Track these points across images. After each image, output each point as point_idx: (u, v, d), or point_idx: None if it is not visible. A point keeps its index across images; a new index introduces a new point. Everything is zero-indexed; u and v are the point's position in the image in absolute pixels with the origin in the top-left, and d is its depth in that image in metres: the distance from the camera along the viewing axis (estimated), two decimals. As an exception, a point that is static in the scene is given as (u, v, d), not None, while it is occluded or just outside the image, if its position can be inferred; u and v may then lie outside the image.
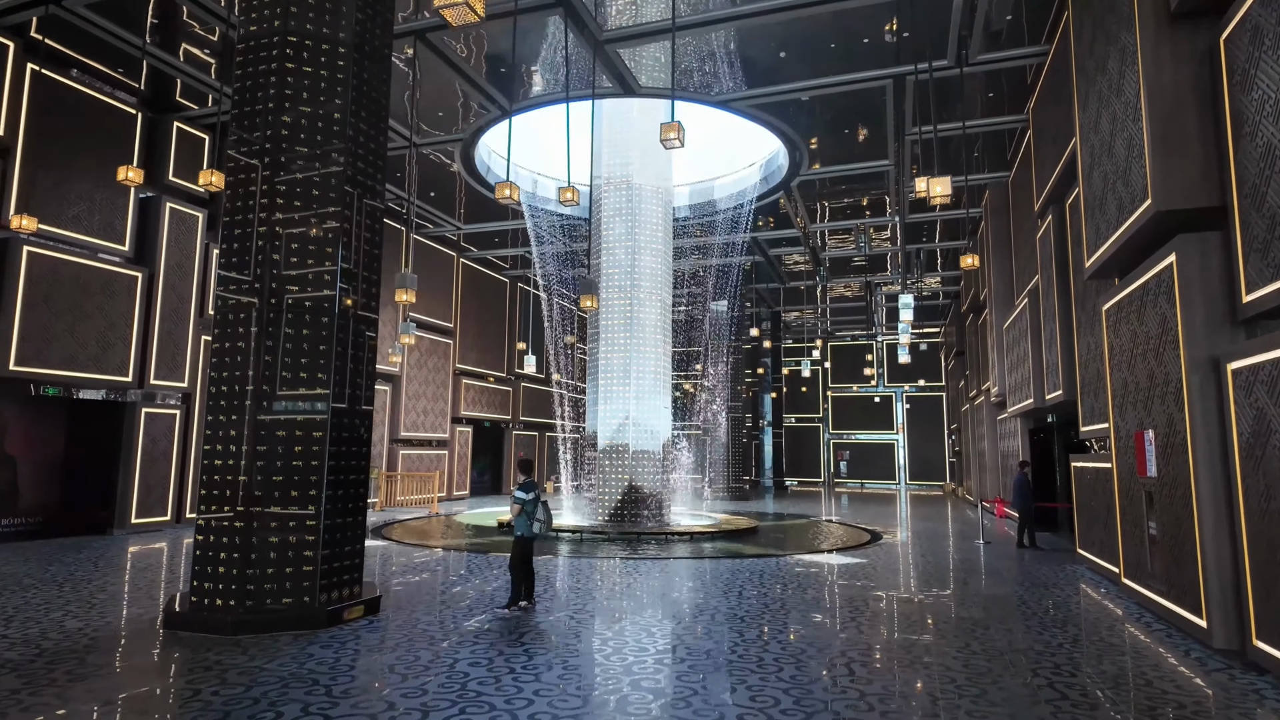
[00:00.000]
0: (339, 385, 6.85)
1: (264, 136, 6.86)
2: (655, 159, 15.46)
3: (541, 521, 7.24)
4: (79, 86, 12.42)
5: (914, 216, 19.07)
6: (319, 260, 6.83)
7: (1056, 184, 11.06)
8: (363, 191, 7.24)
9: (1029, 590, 8.68)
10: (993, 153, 15.74)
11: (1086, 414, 10.11)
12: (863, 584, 8.99)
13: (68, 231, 12.20)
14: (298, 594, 6.44)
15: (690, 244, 21.29)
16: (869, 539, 13.82)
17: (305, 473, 6.58)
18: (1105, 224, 7.89)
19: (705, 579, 9.26)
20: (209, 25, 11.51)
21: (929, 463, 35.30)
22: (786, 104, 13.71)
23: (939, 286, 27.37)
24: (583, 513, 15.44)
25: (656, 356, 15.16)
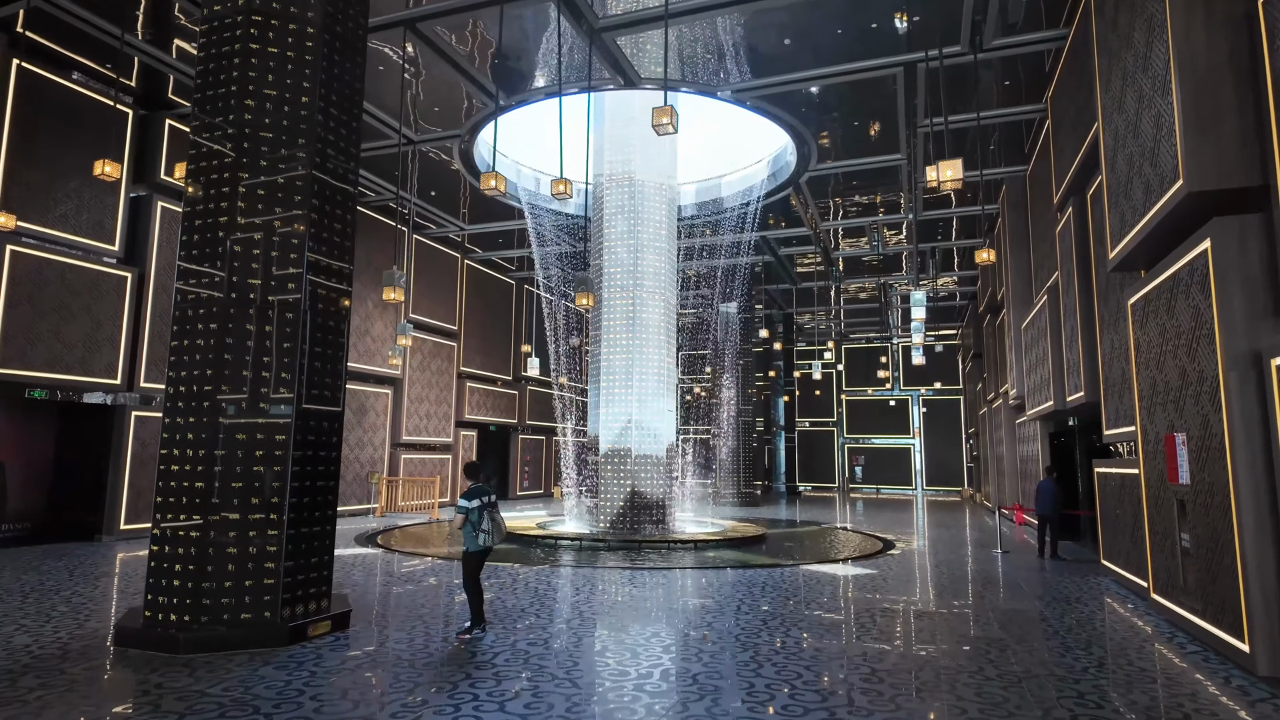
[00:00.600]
0: (306, 385, 6.43)
1: (226, 122, 6.46)
2: (658, 155, 15.00)
3: (486, 533, 6.49)
4: (67, 83, 12.16)
5: (928, 214, 18.48)
6: (285, 252, 6.42)
7: (1077, 173, 10.48)
8: (334, 179, 6.83)
9: (1050, 605, 8.10)
10: (1009, 145, 15.14)
11: (1110, 416, 9.51)
12: (871, 598, 8.44)
13: (54, 230, 11.92)
14: (258, 609, 6.01)
15: (698, 244, 20.80)
16: (881, 547, 13.24)
17: (266, 478, 6.16)
18: (1130, 210, 7.32)
19: (704, 591, 8.75)
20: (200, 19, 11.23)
21: (946, 468, 34.51)
22: (793, 95, 13.20)
23: (956, 288, 26.68)
24: (585, 519, 14.96)
25: (660, 358, 14.67)
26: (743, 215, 18.31)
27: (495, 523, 6.55)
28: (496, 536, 6.57)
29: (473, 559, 6.55)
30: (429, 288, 20.78)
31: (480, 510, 6.51)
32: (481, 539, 6.48)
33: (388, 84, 12.95)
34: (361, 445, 18.25)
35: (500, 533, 6.59)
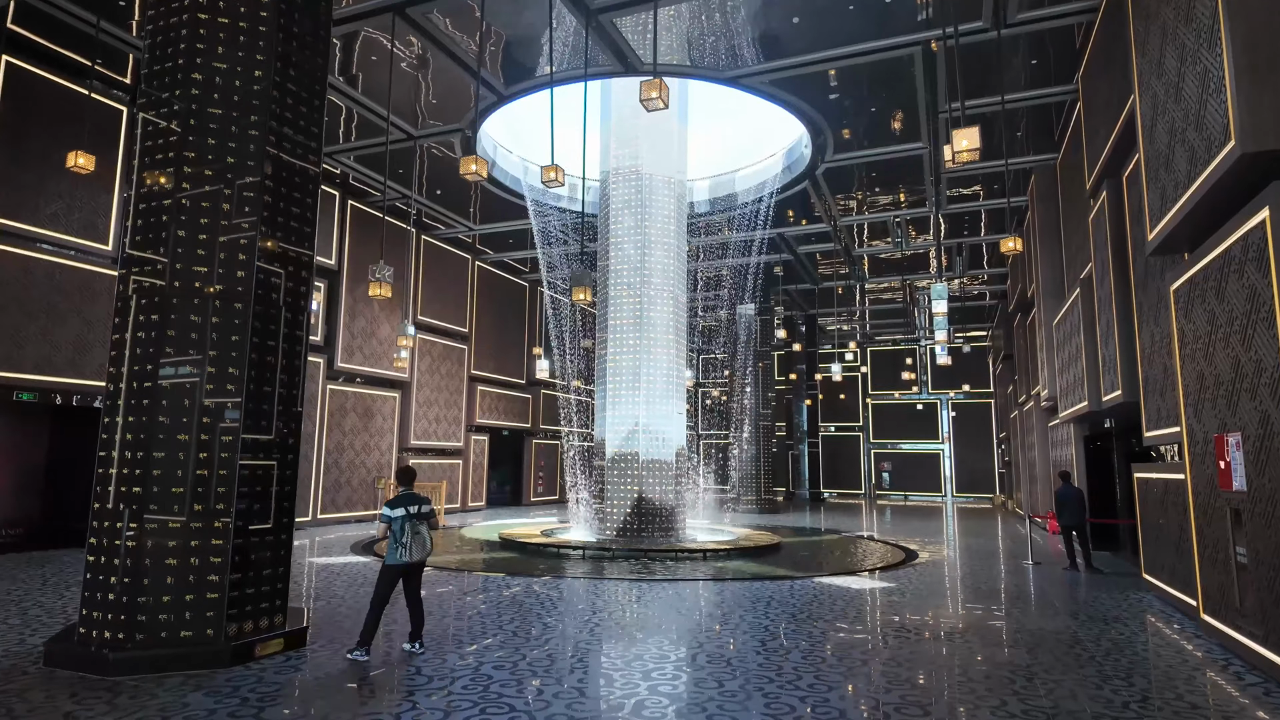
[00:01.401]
0: (258, 381, 5.92)
1: (174, 98, 5.99)
2: (666, 147, 14.41)
3: (405, 546, 5.83)
4: (59, 80, 11.89)
5: (953, 208, 17.63)
6: (233, 237, 5.92)
7: (1111, 154, 9.67)
8: (291, 158, 6.32)
9: (1085, 625, 7.30)
10: (1038, 133, 14.28)
11: (1151, 417, 8.68)
12: (885, 616, 7.71)
13: (44, 230, 11.64)
14: (199, 626, 5.49)
15: (713, 242, 20.16)
16: (904, 558, 12.44)
17: (211, 482, 5.65)
18: (1172, 184, 6.55)
19: (702, 607, 8.08)
20: None
21: (977, 474, 33.31)
22: (806, 81, 12.52)
23: (984, 287, 25.67)
24: (593, 526, 14.34)
25: (669, 358, 14.04)
26: (758, 211, 17.64)
27: (418, 536, 5.88)
28: (417, 551, 5.89)
29: (387, 574, 5.91)
30: (439, 289, 20.39)
31: (403, 521, 5.89)
32: (399, 554, 5.85)
33: (386, 78, 12.53)
34: (368, 449, 17.86)
35: (423, 549, 5.91)
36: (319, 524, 16.19)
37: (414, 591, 6.02)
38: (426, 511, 6.04)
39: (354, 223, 17.51)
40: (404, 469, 6.38)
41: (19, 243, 11.29)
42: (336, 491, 16.90)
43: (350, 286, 17.32)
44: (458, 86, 12.93)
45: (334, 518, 16.70)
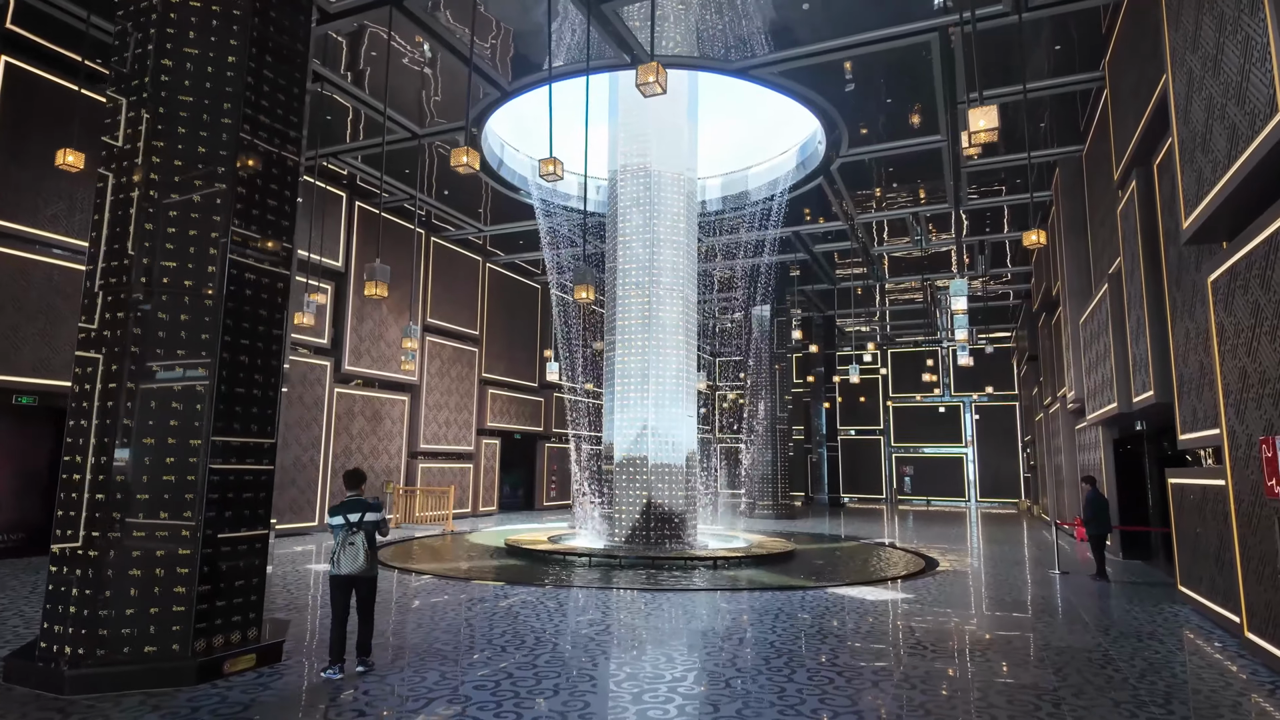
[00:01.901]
0: (230, 382, 5.62)
1: (143, 84, 5.71)
2: (676, 143, 14.04)
3: (333, 558, 5.45)
4: (59, 80, 11.77)
5: (974, 204, 17.07)
6: (204, 230, 5.63)
7: (1141, 141, 9.15)
8: (267, 144, 6.03)
9: (1117, 642, 6.80)
10: (1063, 124, 13.72)
11: (1187, 418, 8.14)
12: (899, 630, 7.25)
13: (44, 231, 11.51)
14: (164, 641, 5.18)
15: (725, 241, 19.73)
16: (923, 567, 11.93)
17: (180, 488, 5.35)
18: (1210, 166, 6.06)
19: (706, 620, 7.67)
20: None
21: (1002, 478, 32.50)
22: (817, 71, 12.09)
23: (1008, 287, 24.99)
24: (603, 532, 13.96)
25: (679, 359, 13.64)
26: (773, 209, 17.19)
27: (350, 549, 5.43)
28: (346, 564, 5.43)
29: (331, 585, 5.54)
30: (449, 291, 20.15)
31: (344, 530, 5.49)
32: (343, 564, 5.46)
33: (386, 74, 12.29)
34: (376, 453, 17.63)
35: (355, 562, 5.43)
36: (326, 529, 15.95)
37: (360, 605, 5.62)
38: (370, 520, 5.61)
39: (362, 224, 17.31)
40: (350, 472, 5.94)
41: (18, 245, 11.17)
42: (344, 496, 16.62)
43: (358, 288, 17.09)
44: (462, 84, 12.64)
45: (341, 523, 16.44)
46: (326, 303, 16.29)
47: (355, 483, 5.82)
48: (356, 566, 5.44)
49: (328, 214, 16.23)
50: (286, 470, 15.07)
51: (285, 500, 15.02)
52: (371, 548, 5.57)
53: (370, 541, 5.57)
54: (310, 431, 15.72)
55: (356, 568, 5.44)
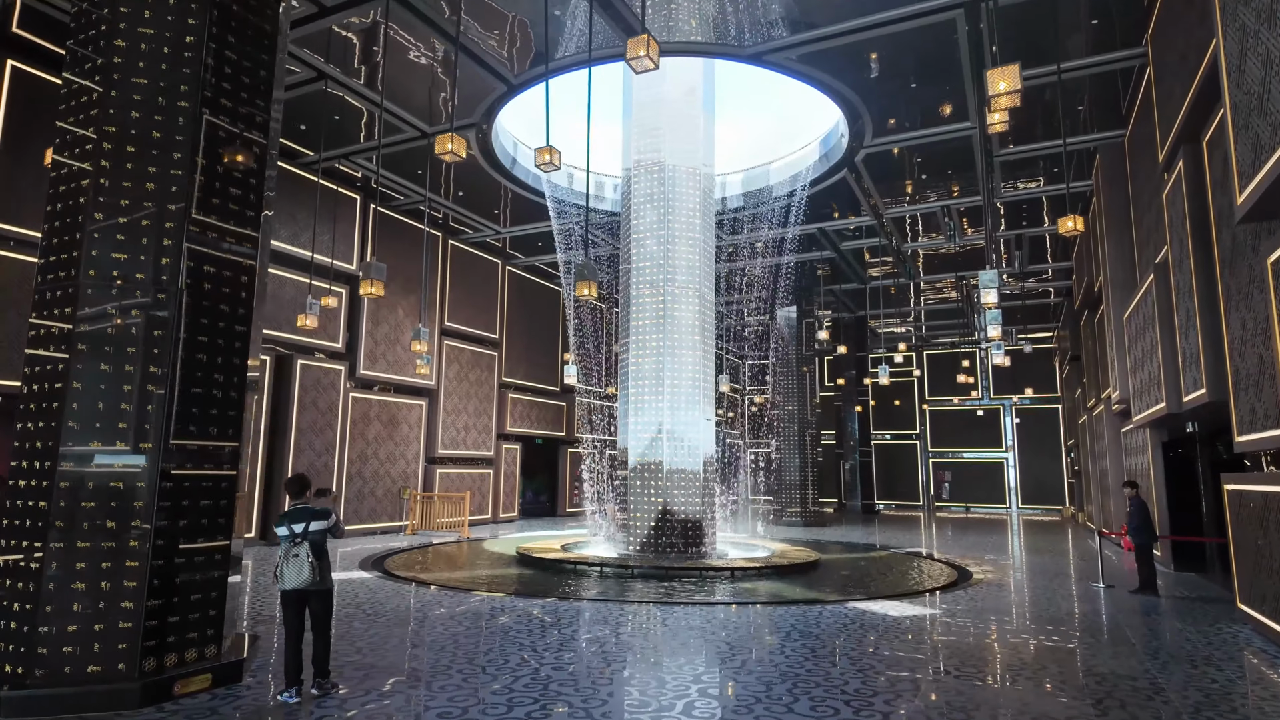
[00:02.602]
0: (186, 381, 5.26)
1: (96, 67, 5.39)
2: (691, 137, 13.54)
3: (276, 572, 5.02)
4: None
5: (1009, 196, 16.25)
6: (159, 220, 5.28)
7: (1189, 115, 8.38)
8: (232, 123, 5.67)
9: (1167, 667, 6.08)
10: (1102, 107, 12.90)
11: (1244, 418, 7.36)
12: (925, 651, 6.61)
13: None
14: (109, 660, 4.82)
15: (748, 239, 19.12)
16: (955, 579, 11.21)
17: (129, 495, 4.99)
18: (1269, 130, 5.37)
19: (711, 637, 7.11)
20: None
21: (1044, 484, 31.22)
22: (837, 56, 11.49)
23: (1049, 284, 23.93)
24: (619, 540, 13.46)
25: (695, 360, 13.10)
26: (796, 205, 16.58)
27: (294, 561, 4.97)
28: (290, 578, 4.96)
29: (282, 601, 5.11)
30: (467, 295, 19.88)
31: (287, 541, 5.05)
32: (286, 578, 5.00)
33: (396, 74, 12.02)
34: (393, 459, 17.38)
35: (299, 575, 4.96)
36: (341, 535, 15.68)
37: (315, 621, 5.19)
38: (317, 530, 5.15)
39: (377, 227, 17.11)
40: (293, 478, 5.45)
41: (19, 248, 11.09)
42: (360, 502, 16.44)
43: (373, 292, 16.87)
44: (470, 82, 12.32)
45: (358, 529, 16.23)
46: (342, 306, 16.10)
47: (299, 490, 5.35)
48: (301, 580, 4.99)
49: (341, 217, 16.04)
50: (299, 476, 14.84)
51: (298, 506, 14.78)
52: (319, 559, 5.12)
53: (318, 553, 5.12)
54: (324, 436, 15.51)
55: (301, 581, 4.99)
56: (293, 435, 14.77)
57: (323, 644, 5.17)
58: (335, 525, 5.30)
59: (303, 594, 5.07)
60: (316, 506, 5.30)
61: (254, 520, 14.08)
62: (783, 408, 22.48)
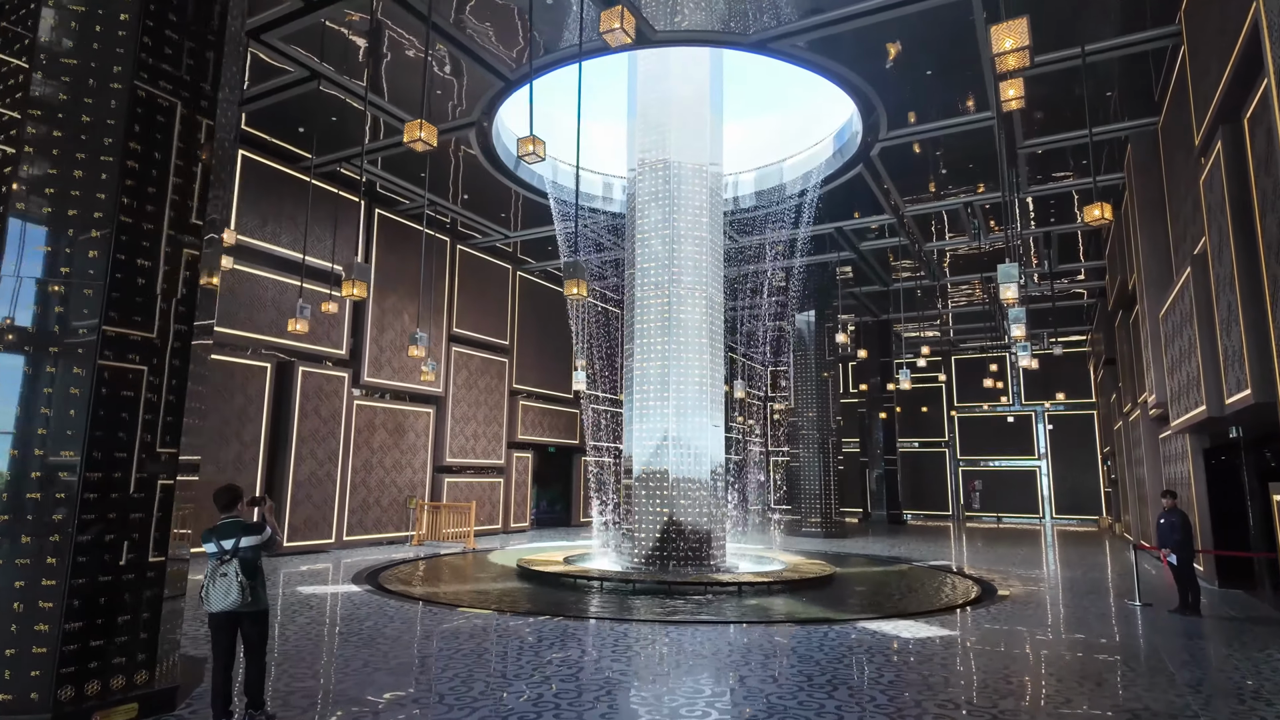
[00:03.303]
0: (117, 382, 4.85)
1: (24, 48, 5.04)
2: (698, 132, 13.03)
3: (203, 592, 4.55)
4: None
5: (1034, 191, 15.48)
6: (87, 207, 4.90)
7: (1227, 92, 7.69)
8: (171, 98, 5.28)
9: (1211, 703, 5.39)
10: (1133, 94, 12.13)
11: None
12: (934, 680, 5.97)
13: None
14: (20, 688, 4.41)
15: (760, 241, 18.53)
16: (978, 595, 10.49)
17: (47, 506, 4.59)
18: (1320, 93, 4.71)
19: (700, 661, 6.54)
20: None
21: (1080, 493, 29.99)
22: (847, 43, 10.92)
23: (1081, 286, 22.97)
24: (624, 552, 12.92)
25: (702, 364, 12.55)
26: (810, 204, 15.97)
27: (223, 580, 4.50)
28: (217, 599, 4.50)
29: (211, 624, 4.65)
30: (476, 300, 19.54)
31: (214, 558, 4.58)
32: (212, 599, 4.53)
33: (392, 73, 11.71)
34: (399, 468, 17.04)
35: (227, 595, 4.49)
36: (345, 546, 15.38)
37: (248, 646, 4.72)
38: (249, 546, 4.67)
39: (381, 232, 16.85)
40: (222, 489, 4.97)
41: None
42: (364, 512, 16.10)
43: (378, 298, 16.62)
44: (468, 79, 11.96)
45: (361, 539, 15.89)
46: (345, 312, 15.82)
47: (229, 503, 4.86)
48: (229, 601, 4.51)
49: (344, 221, 15.78)
50: (301, 485, 14.58)
51: (300, 517, 14.51)
52: (251, 578, 4.65)
53: (249, 571, 4.64)
54: (327, 445, 15.20)
55: (230, 603, 4.51)
56: (294, 444, 14.48)
57: (256, 670, 4.71)
58: (270, 539, 4.83)
59: (234, 616, 4.62)
60: (251, 520, 4.85)
61: (253, 530, 13.77)
62: (803, 415, 21.77)
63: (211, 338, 5.74)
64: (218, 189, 5.68)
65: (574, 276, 8.35)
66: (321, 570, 12.27)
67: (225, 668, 4.57)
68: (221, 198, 5.80)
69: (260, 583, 4.72)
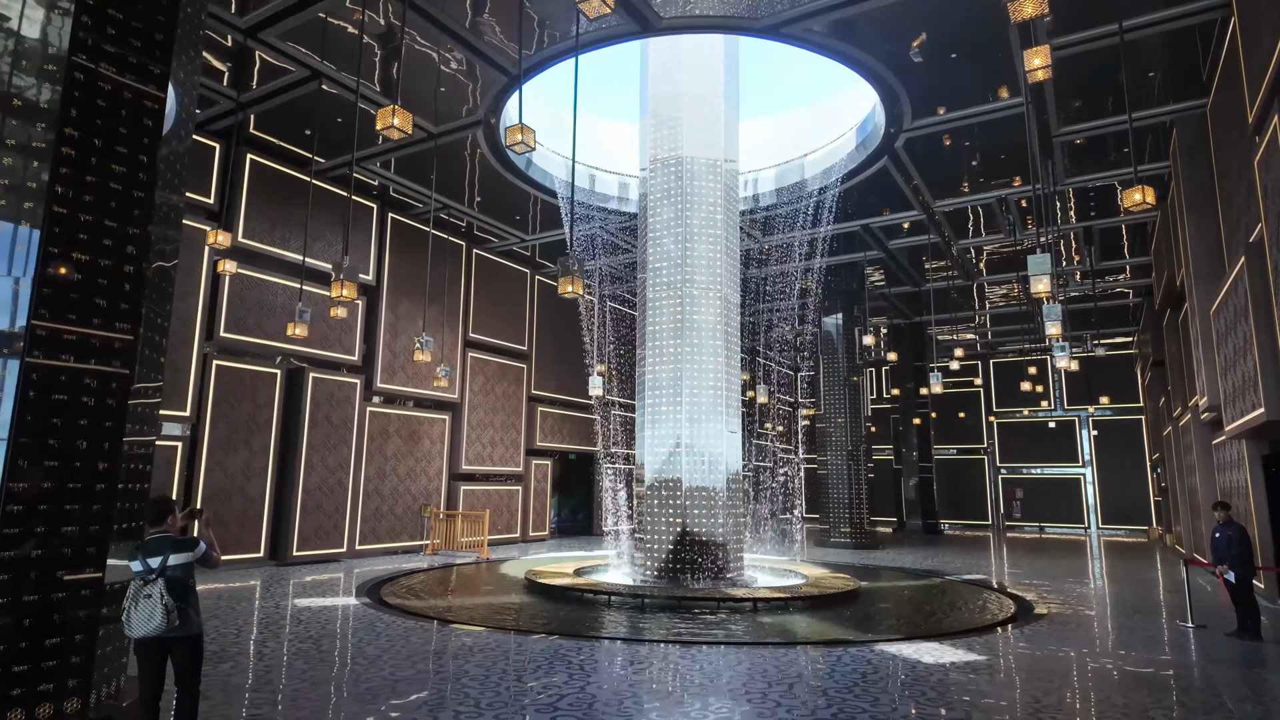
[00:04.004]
0: (47, 386, 4.50)
1: (-42, 31, 4.75)
2: (711, 126, 12.52)
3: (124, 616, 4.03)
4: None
5: (1070, 183, 14.62)
6: (18, 196, 4.57)
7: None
8: (117, 73, 4.94)
9: (1275, 749, 4.68)
10: (1178, 74, 11.30)
11: (1370, 424, 5.86)
12: (951, 714, 5.34)
13: (46, 247, 11.16)
14: (-69, 718, 4.05)
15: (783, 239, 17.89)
16: (1013, 613, 9.74)
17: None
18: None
19: (691, 691, 5.98)
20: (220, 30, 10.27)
21: (1128, 502, 28.59)
22: (865, 26, 10.33)
23: (1127, 284, 21.85)
24: (635, 564, 12.40)
25: (717, 366, 11.99)
26: (832, 199, 15.33)
27: (146, 602, 4.01)
28: (141, 623, 3.99)
29: (137, 650, 4.17)
30: (494, 305, 19.23)
31: (140, 578, 4.10)
32: (134, 623, 4.02)
33: (397, 73, 11.42)
34: (413, 475, 16.74)
35: (153, 621, 3.97)
36: (357, 555, 15.10)
37: (179, 675, 4.24)
38: (178, 564, 4.18)
39: (395, 236, 16.62)
40: (151, 502, 4.53)
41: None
42: (377, 521, 15.81)
43: (391, 303, 16.39)
44: (473, 75, 11.62)
45: (375, 549, 15.60)
46: (358, 317, 15.60)
47: (158, 516, 4.38)
48: (152, 626, 4.02)
49: (356, 226, 15.58)
50: (311, 494, 14.33)
51: (310, 526, 14.26)
52: (182, 599, 4.19)
53: (179, 591, 4.18)
54: (338, 453, 14.95)
55: (152, 627, 4.02)
56: (304, 451, 14.24)
57: (189, 701, 4.28)
58: (205, 555, 4.39)
59: (161, 642, 4.19)
60: (184, 535, 4.43)
61: (263, 540, 13.57)
62: (831, 420, 20.99)
63: (166, 337, 5.38)
64: (172, 177, 5.33)
65: (568, 274, 7.88)
66: (326, 581, 11.96)
67: (152, 699, 4.15)
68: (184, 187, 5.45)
69: (192, 605, 4.29)
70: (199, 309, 12.82)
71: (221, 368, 13.20)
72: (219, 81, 11.68)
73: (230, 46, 10.75)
